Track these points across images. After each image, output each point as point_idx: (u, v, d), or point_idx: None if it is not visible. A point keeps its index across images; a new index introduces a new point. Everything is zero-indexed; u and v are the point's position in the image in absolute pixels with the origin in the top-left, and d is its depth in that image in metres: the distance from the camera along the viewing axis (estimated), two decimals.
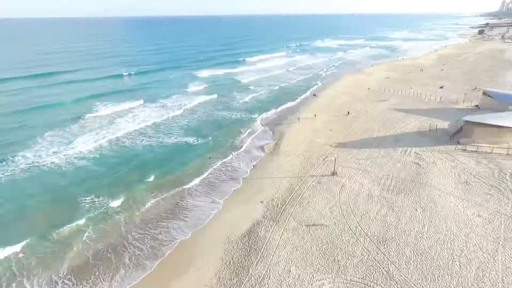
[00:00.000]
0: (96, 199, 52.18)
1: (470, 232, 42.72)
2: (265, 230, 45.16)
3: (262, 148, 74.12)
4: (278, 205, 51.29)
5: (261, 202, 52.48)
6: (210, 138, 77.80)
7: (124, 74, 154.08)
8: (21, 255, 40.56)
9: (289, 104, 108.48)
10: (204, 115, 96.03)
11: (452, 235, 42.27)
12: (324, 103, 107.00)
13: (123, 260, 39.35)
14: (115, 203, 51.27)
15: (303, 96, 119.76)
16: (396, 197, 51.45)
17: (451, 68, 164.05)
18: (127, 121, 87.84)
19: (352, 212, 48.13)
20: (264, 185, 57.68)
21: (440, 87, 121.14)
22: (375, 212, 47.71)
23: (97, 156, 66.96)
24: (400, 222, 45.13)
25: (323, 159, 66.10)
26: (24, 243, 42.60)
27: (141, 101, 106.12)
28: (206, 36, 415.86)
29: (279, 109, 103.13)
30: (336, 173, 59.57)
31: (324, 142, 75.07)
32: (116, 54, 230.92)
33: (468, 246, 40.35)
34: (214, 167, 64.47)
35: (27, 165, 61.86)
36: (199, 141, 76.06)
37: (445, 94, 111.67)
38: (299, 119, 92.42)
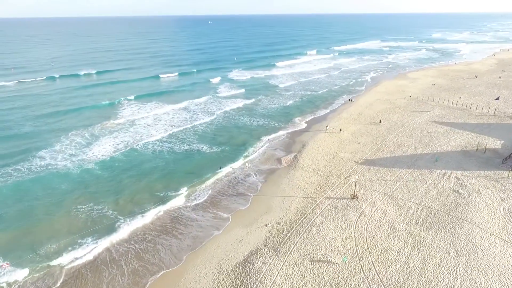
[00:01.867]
0: (95, 208, 50.38)
1: None
2: (262, 262, 39.73)
3: (279, 160, 68.40)
4: (283, 230, 45.53)
5: (266, 225, 47.08)
6: (226, 147, 73.77)
7: (160, 75, 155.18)
8: (5, 265, 39.37)
9: (321, 112, 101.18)
10: (228, 121, 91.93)
11: None
12: (357, 111, 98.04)
13: (100, 286, 36.33)
14: (112, 214, 49.01)
15: (338, 102, 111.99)
16: (425, 233, 43.10)
17: (511, 75, 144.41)
18: (148, 125, 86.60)
19: (368, 248, 40.93)
20: (274, 205, 52.15)
21: (496, 98, 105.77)
22: (396, 251, 40.05)
23: (108, 160, 65.86)
24: (426, 268, 37.14)
25: (345, 178, 58.81)
26: (10, 253, 41.54)
27: (169, 105, 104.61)
28: (248, 36, 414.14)
29: (308, 117, 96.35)
30: (357, 197, 52.18)
31: (349, 157, 67.44)
32: (158, 54, 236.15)
33: None
34: (224, 179, 60.18)
35: (40, 168, 62.24)
36: (214, 150, 72.25)
37: (501, 107, 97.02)
38: (326, 127, 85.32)
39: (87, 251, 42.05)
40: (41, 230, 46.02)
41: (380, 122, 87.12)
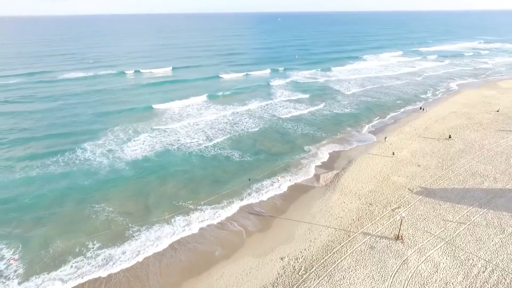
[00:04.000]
0: (110, 210, 49.10)
1: None
2: None
3: (317, 177, 60.07)
4: (300, 269, 38.04)
5: (282, 258, 40.08)
6: (261, 156, 67.70)
7: (220, 75, 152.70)
8: (12, 261, 39.54)
9: (381, 123, 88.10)
10: (274, 128, 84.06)
11: None
12: (424, 125, 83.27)
13: None
14: (124, 221, 47.00)
15: (405, 112, 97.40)
16: None
17: None
18: (191, 127, 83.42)
19: None
20: (297, 233, 44.74)
21: None
22: None
23: (140, 160, 65.04)
24: None
25: (392, 210, 48.31)
26: (20, 248, 41.89)
27: (220, 107, 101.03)
28: (316, 34, 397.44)
29: (365, 128, 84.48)
30: (402, 238, 41.82)
31: (403, 182, 56.00)
32: (222, 51, 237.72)
33: None
34: (249, 194, 54.15)
35: (76, 161, 64.21)
36: (248, 159, 66.62)
37: None
38: (385, 138, 74.25)
39: (89, 257, 40.57)
40: (55, 226, 46.15)
41: (450, 137, 72.91)
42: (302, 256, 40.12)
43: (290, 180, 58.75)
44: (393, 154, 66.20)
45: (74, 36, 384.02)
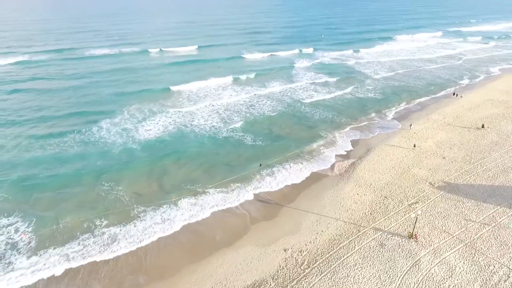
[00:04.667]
0: (116, 188, 49.66)
1: None
2: None
3: (332, 166, 57.36)
4: (303, 263, 36.54)
5: (285, 250, 38.73)
6: (275, 142, 65.36)
7: (243, 55, 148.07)
8: (22, 235, 41.00)
9: (406, 110, 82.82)
10: (292, 112, 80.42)
11: None
12: (455, 113, 76.97)
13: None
14: (130, 201, 47.24)
15: (435, 99, 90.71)
16: None
17: None
18: (208, 109, 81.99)
19: None
20: (304, 224, 43.00)
21: None
22: None
23: (153, 140, 64.52)
24: None
25: (408, 205, 45.14)
26: (31, 223, 43.15)
27: (239, 90, 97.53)
28: (348, 11, 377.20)
29: (388, 115, 79.43)
30: (416, 237, 38.94)
31: (424, 175, 52.13)
32: (248, 30, 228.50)
33: None
34: (259, 180, 52.66)
35: (92, 139, 65.08)
36: (261, 143, 64.68)
37: None
38: (410, 126, 69.95)
39: (97, 235, 41.36)
40: (67, 203, 46.79)
41: (483, 127, 67.40)
42: (307, 249, 38.51)
43: (302, 168, 56.52)
44: (414, 146, 61.38)
45: (97, 13, 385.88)
